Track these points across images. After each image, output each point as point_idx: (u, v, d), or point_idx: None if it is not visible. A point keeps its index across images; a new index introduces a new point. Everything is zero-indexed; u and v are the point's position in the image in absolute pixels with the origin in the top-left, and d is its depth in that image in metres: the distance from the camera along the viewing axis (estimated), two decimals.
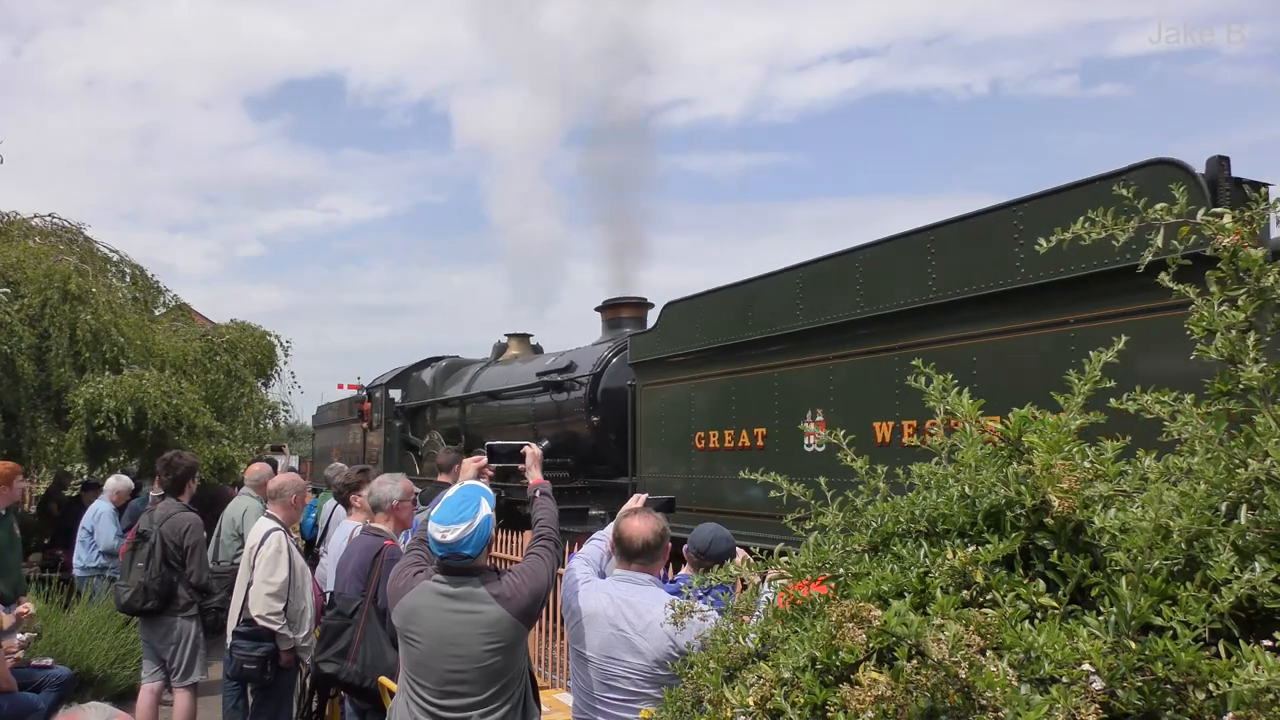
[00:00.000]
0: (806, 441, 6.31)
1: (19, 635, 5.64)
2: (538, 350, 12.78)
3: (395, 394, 14.47)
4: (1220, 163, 4.54)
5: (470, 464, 3.51)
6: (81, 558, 8.61)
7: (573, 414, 9.94)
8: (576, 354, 10.34)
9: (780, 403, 6.67)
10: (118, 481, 9.03)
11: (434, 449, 12.44)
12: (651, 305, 10.51)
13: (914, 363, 2.06)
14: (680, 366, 7.84)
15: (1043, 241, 1.90)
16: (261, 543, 4.98)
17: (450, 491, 3.05)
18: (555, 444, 9.76)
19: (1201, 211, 1.71)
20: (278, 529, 5.05)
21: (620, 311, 10.47)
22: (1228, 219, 1.66)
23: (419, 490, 5.43)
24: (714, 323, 7.44)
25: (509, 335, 13.20)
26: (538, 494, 3.47)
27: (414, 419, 14.17)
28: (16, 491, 6.51)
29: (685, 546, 3.58)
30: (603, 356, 9.69)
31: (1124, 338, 1.95)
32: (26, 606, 5.79)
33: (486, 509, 2.96)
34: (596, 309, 11.03)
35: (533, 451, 3.69)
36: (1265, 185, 4.54)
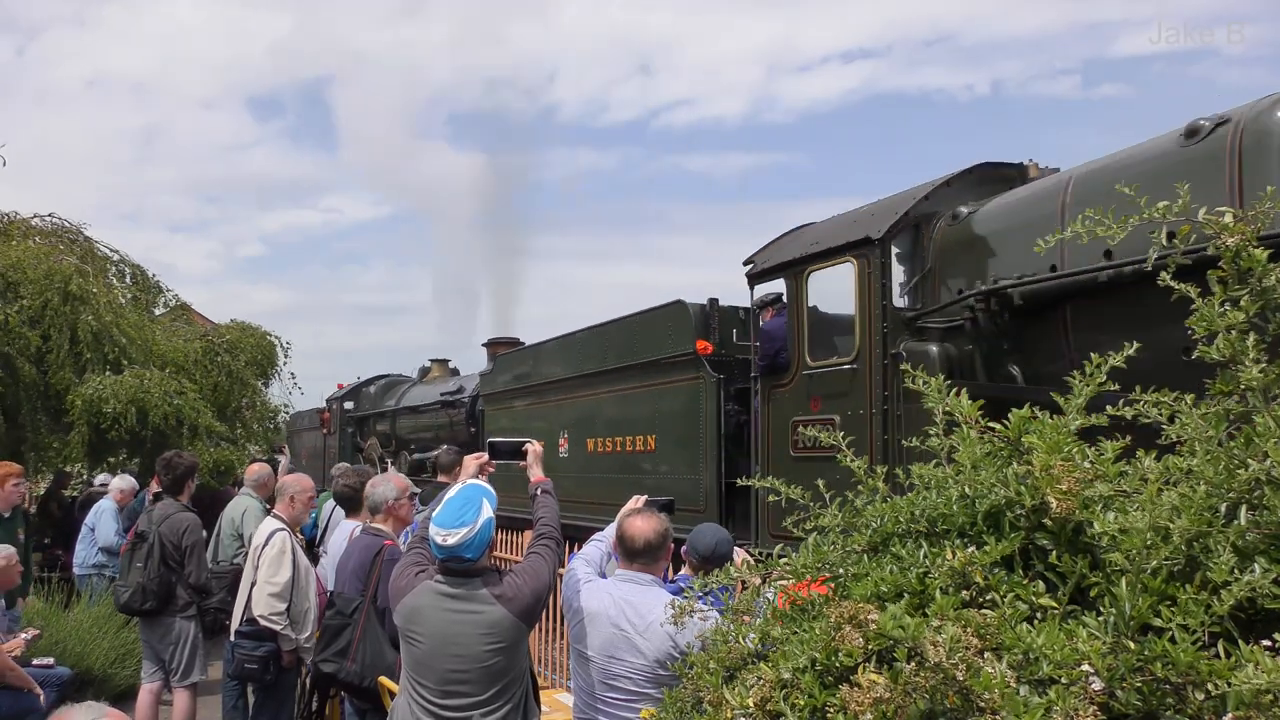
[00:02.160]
0: (560, 450, 9.42)
1: (23, 635, 5.64)
2: (455, 373, 15.17)
3: (349, 405, 17.15)
4: (712, 303, 7.55)
5: (472, 461, 3.50)
6: (82, 555, 8.61)
7: (459, 427, 12.98)
8: (467, 379, 13.46)
9: (547, 425, 9.74)
10: (122, 481, 9.04)
11: (372, 451, 15.45)
12: (522, 343, 12.56)
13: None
14: (502, 398, 11.22)
15: (1041, 242, 1.91)
16: (266, 543, 4.97)
17: (451, 492, 3.04)
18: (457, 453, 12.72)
19: (1202, 211, 1.71)
20: (282, 529, 5.04)
21: (498, 349, 12.89)
22: (1229, 217, 1.66)
23: (418, 490, 5.43)
24: (514, 372, 11.01)
25: (432, 360, 15.90)
26: (539, 492, 3.46)
27: (361, 426, 16.87)
28: (13, 494, 6.50)
29: (684, 548, 3.58)
30: (477, 385, 12.49)
31: (1134, 344, 1.95)
32: (33, 632, 5.80)
33: (488, 511, 2.95)
34: (483, 345, 13.69)
35: (534, 449, 3.64)
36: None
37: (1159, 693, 1.36)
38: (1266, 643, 1.33)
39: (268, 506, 5.81)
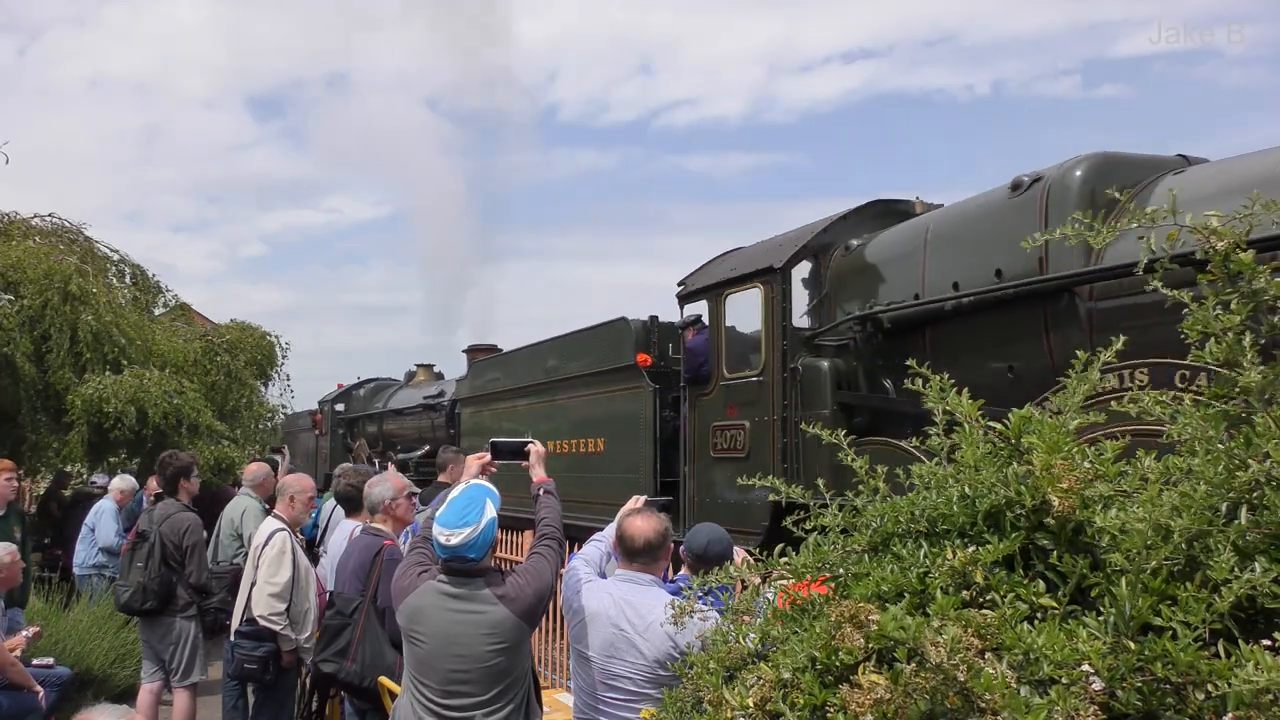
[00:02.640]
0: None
1: (24, 632, 5.65)
2: (439, 377, 16.12)
3: (340, 407, 18.12)
4: (652, 319, 8.45)
5: (474, 461, 3.50)
6: (82, 555, 8.61)
7: (440, 429, 13.86)
8: (448, 384, 14.39)
9: (516, 427, 10.28)
10: (122, 481, 9.03)
11: (361, 451, 15.70)
12: (500, 350, 13.36)
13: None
14: (476, 402, 12.19)
15: (1027, 240, 1.93)
16: (266, 543, 4.97)
17: (454, 492, 3.04)
18: (434, 451, 13.63)
19: (1188, 216, 1.71)
20: (283, 529, 5.04)
21: (476, 355, 13.65)
22: (1215, 221, 1.66)
23: (417, 490, 5.43)
24: (487, 379, 12.00)
25: (418, 365, 17.03)
26: (541, 492, 3.46)
27: (351, 428, 17.72)
28: (4, 489, 6.48)
29: (682, 548, 3.58)
30: (458, 389, 13.31)
31: (1124, 338, 1.95)
32: (35, 631, 5.79)
33: (491, 511, 2.95)
34: (463, 351, 14.34)
35: (537, 449, 3.64)
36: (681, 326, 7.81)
37: (1159, 693, 1.36)
38: (1267, 642, 1.33)
39: (267, 506, 5.81)
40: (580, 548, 3.67)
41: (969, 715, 1.36)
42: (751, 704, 1.60)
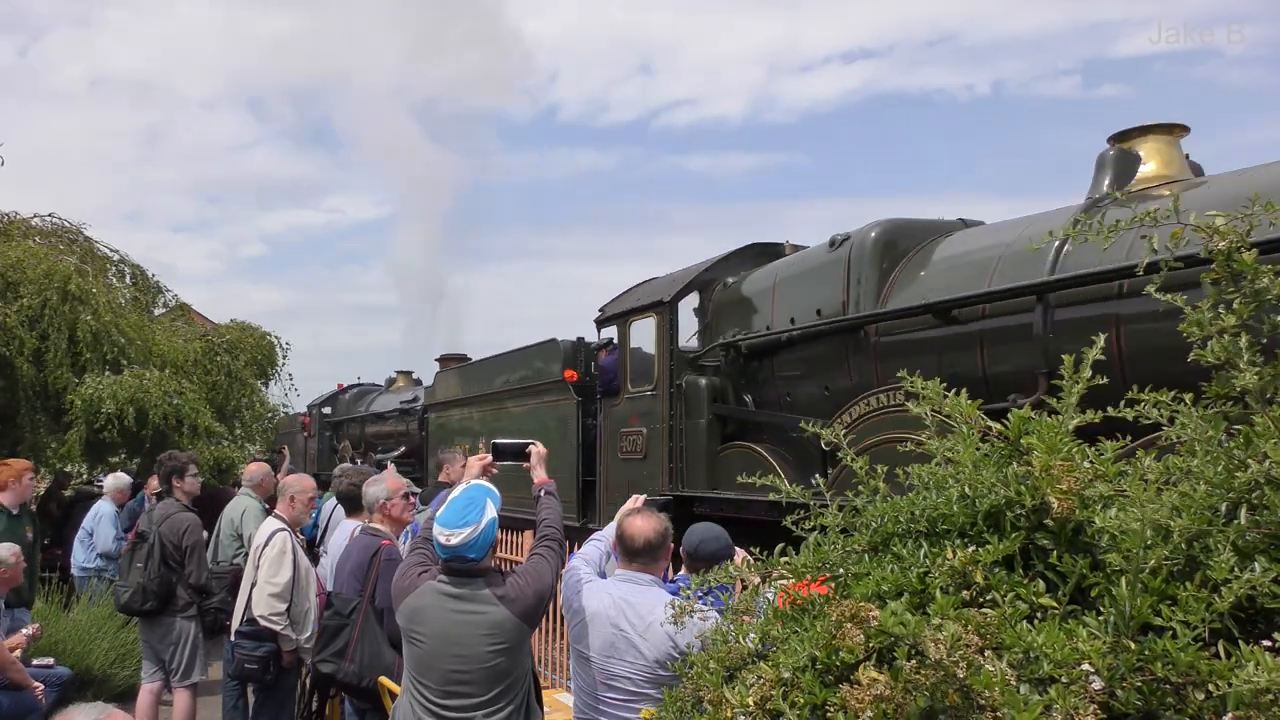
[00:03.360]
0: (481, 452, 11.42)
1: (24, 631, 5.64)
2: (418, 383, 17.08)
3: (327, 410, 19.34)
4: (579, 340, 9.64)
5: (475, 462, 3.51)
6: (80, 558, 8.59)
7: (415, 432, 15.14)
8: (422, 390, 15.43)
9: (472, 431, 11.86)
10: (117, 480, 9.00)
11: (345, 453, 17.11)
12: (469, 359, 14.43)
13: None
14: (440, 408, 13.52)
15: (1033, 241, 1.91)
16: (266, 543, 4.97)
17: (455, 492, 3.04)
18: (409, 451, 15.24)
19: (1192, 215, 1.71)
20: (283, 529, 5.04)
21: (448, 363, 14.89)
22: (1220, 220, 1.66)
23: (418, 490, 5.43)
24: (449, 387, 13.31)
25: (399, 371, 18.27)
26: (542, 493, 3.47)
27: (337, 430, 18.93)
28: (25, 490, 6.48)
29: (681, 548, 3.58)
30: (426, 395, 14.60)
31: (1104, 335, 1.95)
32: (35, 629, 5.79)
33: (492, 511, 2.96)
34: (436, 360, 15.55)
35: (538, 450, 3.67)
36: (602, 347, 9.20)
37: (1159, 692, 1.37)
38: (1267, 642, 1.33)
39: (267, 507, 5.81)
40: (580, 547, 3.68)
41: (969, 713, 1.36)
42: (752, 703, 1.60)
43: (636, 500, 3.57)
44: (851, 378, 6.31)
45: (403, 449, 15.24)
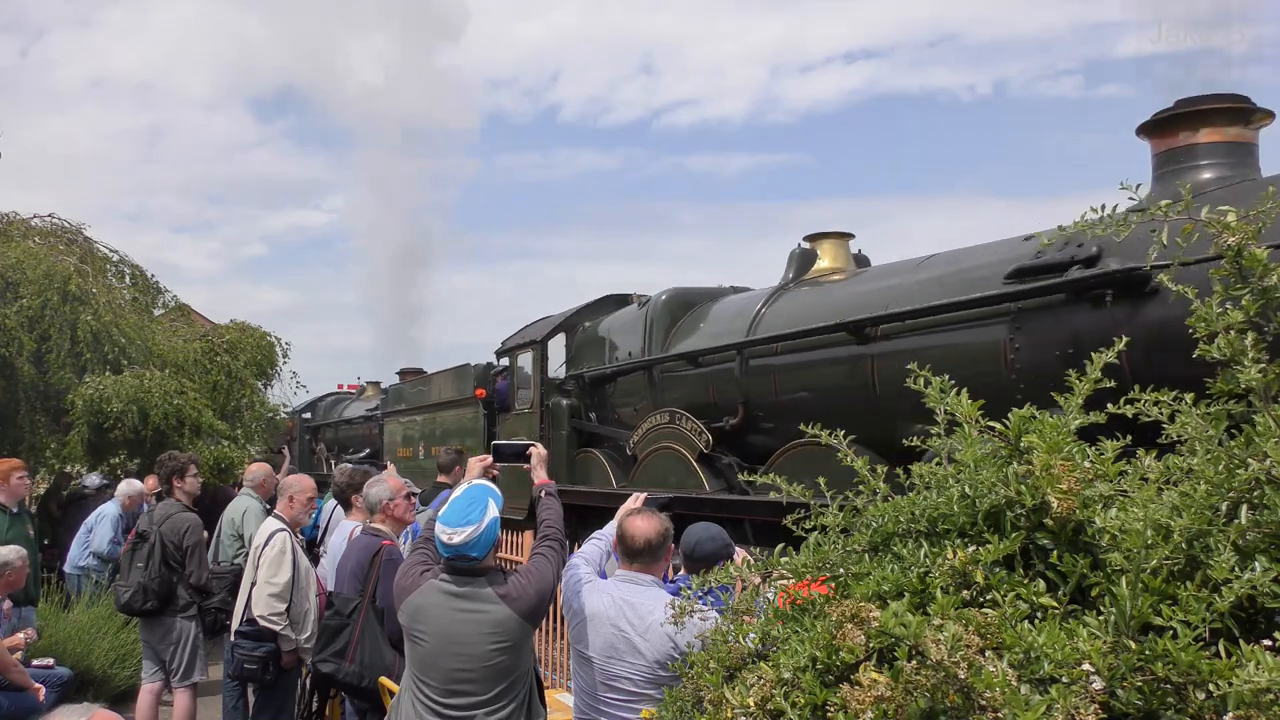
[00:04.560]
0: (419, 454, 13.77)
1: (19, 635, 5.64)
2: (385, 393, 17.77)
3: (307, 415, 21.04)
4: (488, 365, 11.82)
5: (476, 464, 3.51)
6: (74, 554, 8.57)
7: (375, 437, 17.03)
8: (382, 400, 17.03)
9: (413, 437, 14.35)
10: (129, 486, 8.93)
11: (321, 454, 19.76)
12: (423, 371, 16.28)
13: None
14: (393, 416, 15.58)
15: (1041, 235, 1.91)
16: (266, 543, 4.97)
17: (457, 492, 3.05)
18: (373, 452, 16.85)
19: (1205, 210, 1.71)
20: (283, 530, 5.03)
21: (406, 377, 16.98)
22: (1231, 217, 1.66)
23: (419, 490, 5.43)
24: (399, 397, 15.54)
25: (368, 382, 20.27)
26: (543, 494, 3.49)
27: (315, 434, 21.01)
28: (18, 487, 6.48)
29: (679, 548, 3.57)
30: (381, 405, 16.55)
31: (1125, 338, 1.95)
32: (31, 633, 5.78)
33: (494, 511, 2.96)
34: (396, 373, 17.67)
35: (538, 452, 3.69)
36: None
37: (1160, 692, 1.36)
38: (1267, 642, 1.33)
39: (268, 507, 5.81)
40: (580, 546, 3.68)
41: (969, 713, 1.36)
42: (752, 703, 1.60)
43: (636, 500, 3.56)
44: (647, 402, 8.86)
45: (367, 450, 17.65)
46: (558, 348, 10.60)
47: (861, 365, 6.22)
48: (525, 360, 10.71)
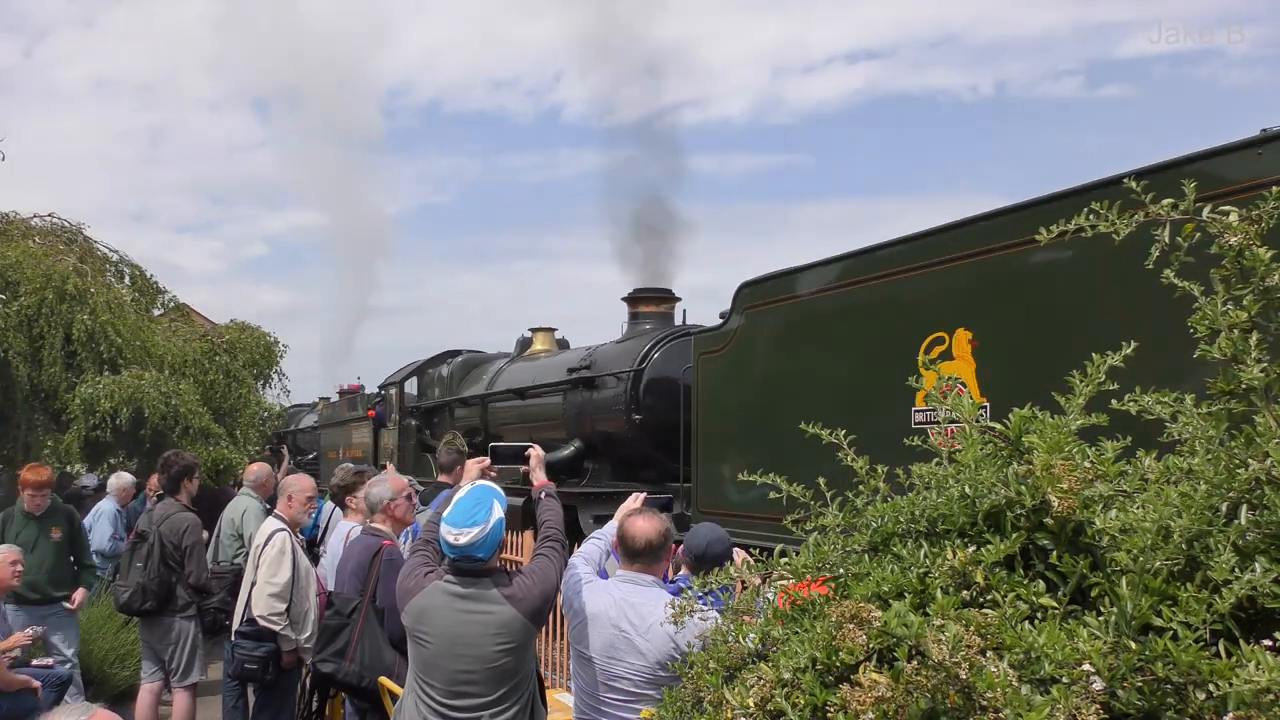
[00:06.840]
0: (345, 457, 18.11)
1: (26, 631, 5.63)
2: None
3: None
4: (378, 389, 16.42)
5: (474, 465, 3.51)
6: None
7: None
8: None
9: (335, 443, 20.15)
10: (119, 479, 8.96)
11: (284, 455, 14.92)
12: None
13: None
14: (322, 427, 22.82)
15: (1043, 231, 1.89)
16: (266, 543, 4.96)
17: (461, 492, 3.04)
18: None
19: (1207, 209, 1.70)
20: (283, 529, 5.03)
21: (345, 395, 19.90)
22: (1234, 216, 1.66)
23: (420, 488, 5.42)
24: (328, 413, 21.87)
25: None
26: (543, 495, 3.48)
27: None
28: (39, 497, 6.40)
29: (680, 549, 3.57)
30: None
31: (1133, 343, 1.95)
32: (30, 632, 5.77)
33: (499, 512, 2.96)
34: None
35: (536, 453, 3.70)
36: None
37: (1160, 692, 1.36)
38: (1267, 642, 1.33)
39: (268, 506, 5.80)
40: (580, 545, 3.68)
41: (970, 714, 1.36)
42: (752, 704, 1.60)
43: (637, 499, 3.57)
44: (483, 430, 11.72)
45: (313, 454, 21.86)
46: (412, 386, 14.52)
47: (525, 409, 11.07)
48: (394, 393, 14.90)
